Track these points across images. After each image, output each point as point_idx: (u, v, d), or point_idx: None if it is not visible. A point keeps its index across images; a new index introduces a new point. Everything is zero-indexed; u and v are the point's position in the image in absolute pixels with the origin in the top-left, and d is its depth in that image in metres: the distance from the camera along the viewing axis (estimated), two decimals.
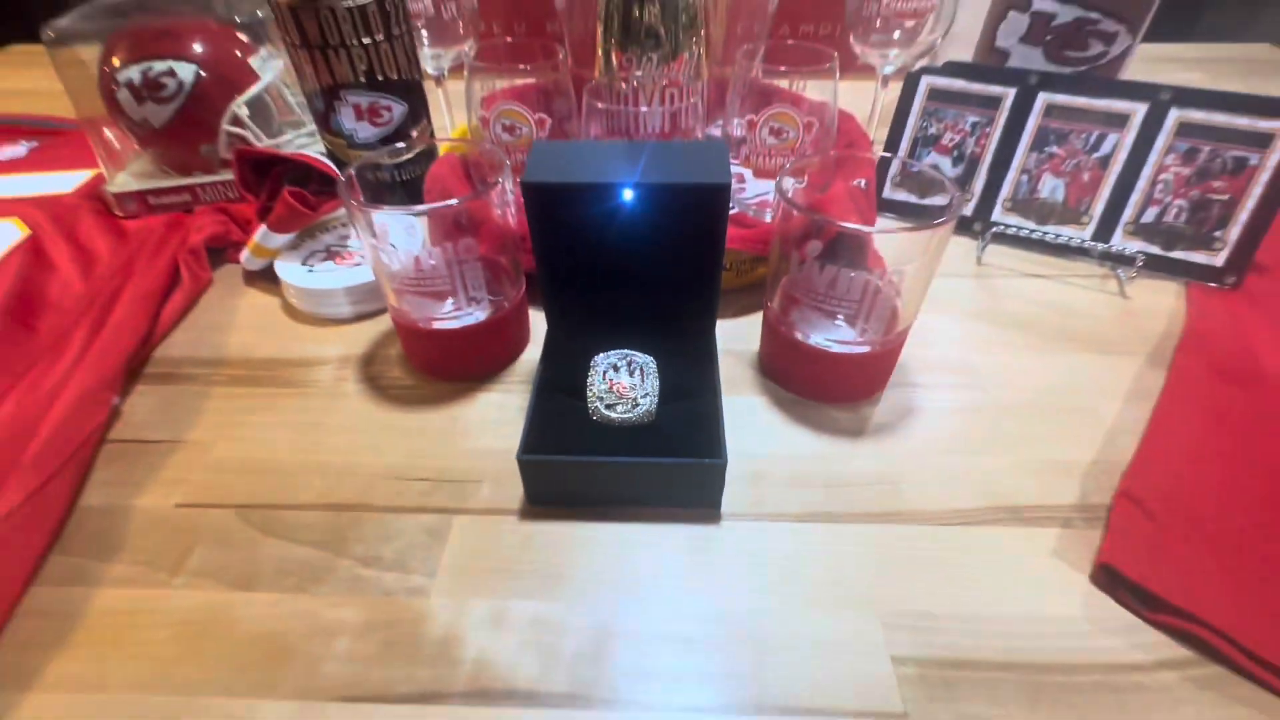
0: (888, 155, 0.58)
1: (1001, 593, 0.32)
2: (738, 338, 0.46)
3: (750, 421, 0.40)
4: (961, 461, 0.38)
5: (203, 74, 0.57)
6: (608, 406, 0.34)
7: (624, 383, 0.35)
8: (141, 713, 0.28)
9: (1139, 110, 0.50)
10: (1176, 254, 0.51)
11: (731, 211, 0.47)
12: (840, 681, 0.28)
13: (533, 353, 0.46)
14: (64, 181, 0.67)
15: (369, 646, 0.30)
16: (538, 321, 0.47)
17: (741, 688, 0.28)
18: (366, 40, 0.50)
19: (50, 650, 0.30)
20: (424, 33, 0.61)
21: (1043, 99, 0.53)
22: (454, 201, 0.38)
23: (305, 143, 0.64)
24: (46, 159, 0.73)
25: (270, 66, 0.61)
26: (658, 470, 0.33)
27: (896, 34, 0.60)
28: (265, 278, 0.53)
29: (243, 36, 0.61)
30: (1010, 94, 0.54)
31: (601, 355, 0.36)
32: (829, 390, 0.41)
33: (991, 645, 0.30)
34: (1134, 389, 0.42)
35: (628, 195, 0.35)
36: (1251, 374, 0.42)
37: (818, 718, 0.27)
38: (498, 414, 0.41)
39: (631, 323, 0.38)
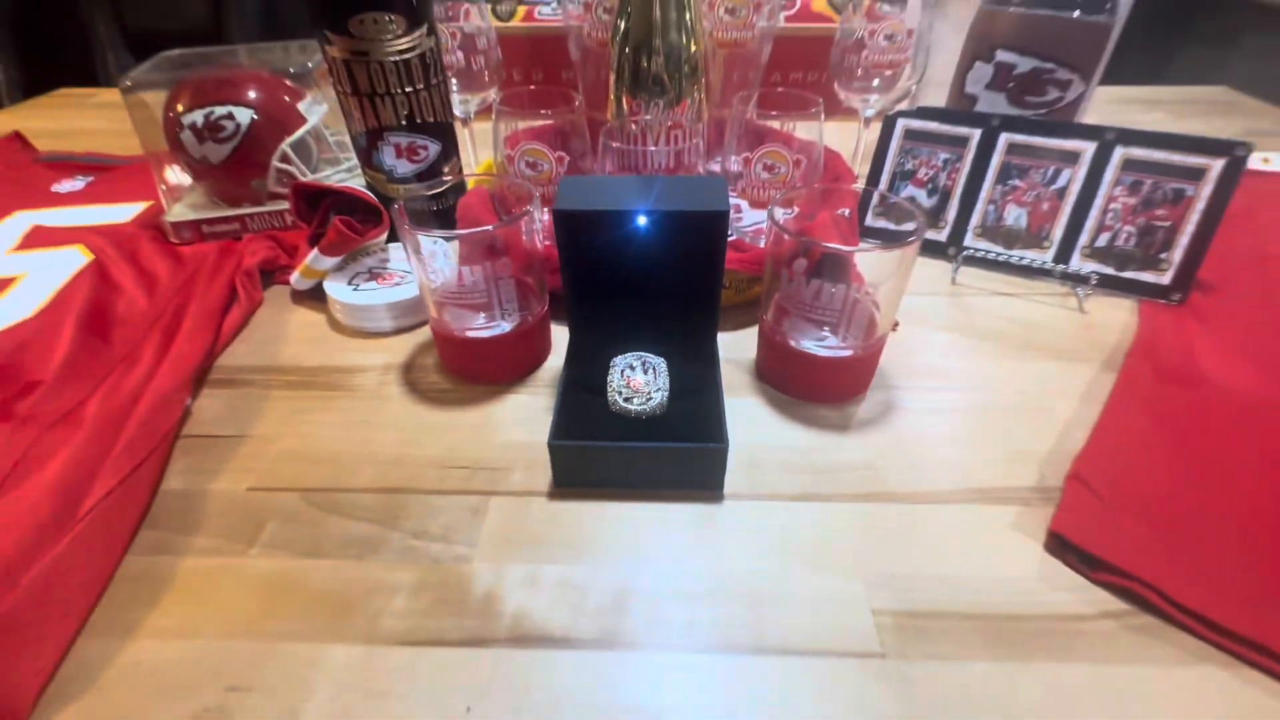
0: (869, 188, 0.64)
1: (968, 558, 0.37)
2: (737, 348, 0.51)
3: (748, 419, 0.46)
4: (936, 451, 0.43)
5: (257, 117, 0.64)
6: (625, 400, 0.40)
7: (639, 379, 0.40)
8: (229, 655, 0.32)
9: (1089, 149, 0.57)
10: (1128, 274, 0.57)
11: (730, 238, 0.53)
12: (827, 629, 0.33)
13: (554, 361, 0.51)
14: (120, 213, 0.74)
15: (422, 603, 0.35)
16: (558, 335, 0.53)
17: (741, 634, 0.33)
18: (408, 89, 0.57)
19: (146, 607, 0.35)
20: (454, 81, 0.68)
21: (1004, 139, 0.59)
22: (490, 228, 0.44)
23: (344, 178, 0.70)
24: (101, 192, 0.80)
25: (315, 111, 0.69)
26: (668, 453, 0.38)
27: (876, 82, 0.67)
28: (311, 297, 0.59)
29: (291, 84, 0.68)
30: (976, 134, 0.60)
31: (620, 356, 0.42)
32: (817, 391, 0.47)
33: (958, 600, 0.34)
34: (1088, 392, 0.48)
35: (642, 221, 0.41)
36: (1193, 379, 0.48)
37: (807, 657, 0.32)
38: (525, 413, 0.47)
39: (644, 330, 0.43)
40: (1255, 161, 0.79)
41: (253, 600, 0.35)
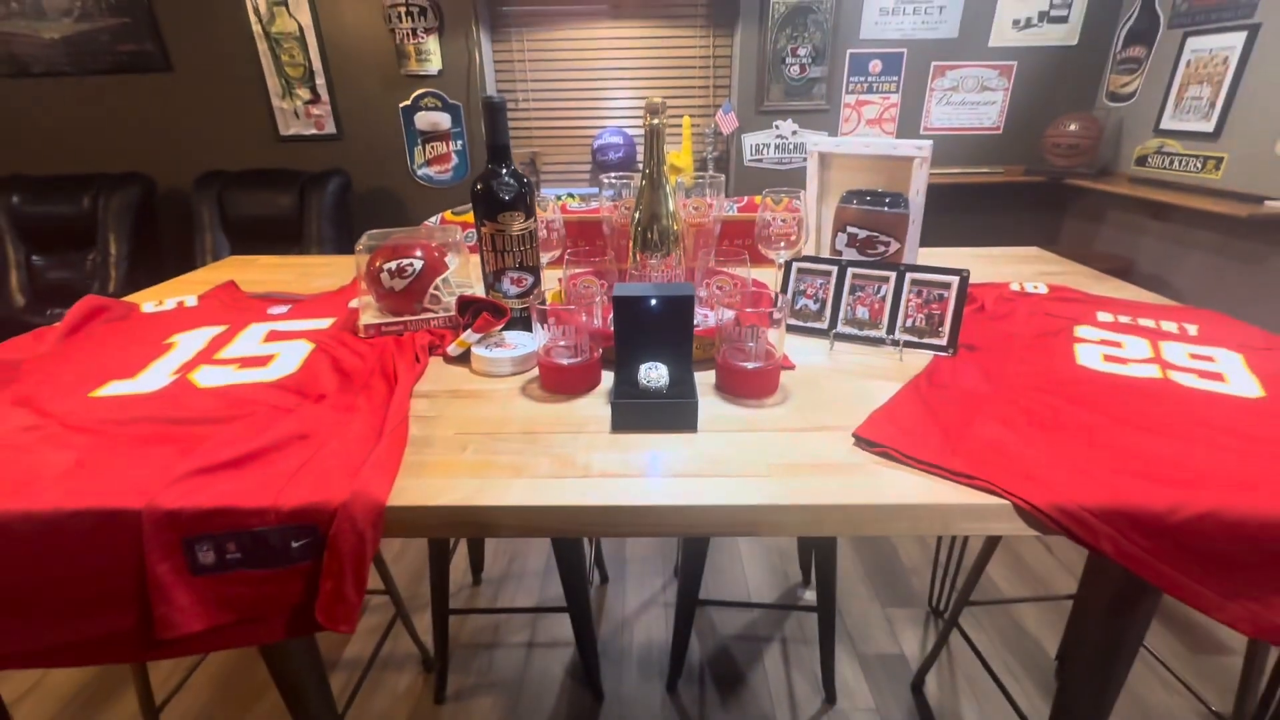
0: (778, 293, 1.10)
1: (819, 448, 0.75)
2: (703, 380, 0.93)
3: (712, 404, 0.86)
4: (812, 415, 0.83)
5: (424, 264, 1.10)
6: (646, 381, 0.80)
7: (653, 373, 0.81)
8: (467, 482, 0.69)
9: (892, 275, 1.03)
10: (924, 340, 1.01)
11: (698, 328, 0.97)
12: (747, 469, 0.71)
13: (604, 385, 0.92)
14: (320, 323, 1.17)
15: (555, 467, 0.72)
16: (605, 375, 0.94)
17: (706, 470, 0.71)
18: (520, 248, 1.03)
19: (420, 469, 0.72)
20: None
21: (850, 271, 1.06)
22: (573, 308, 0.87)
23: None
24: (301, 313, 1.23)
25: (453, 262, 1.15)
26: (668, 405, 0.78)
27: (782, 244, 1.15)
28: (457, 361, 1.01)
29: (440, 246, 1.16)
30: (835, 269, 1.07)
31: (643, 364, 0.83)
32: (746, 390, 0.87)
33: (815, 460, 0.73)
34: (892, 393, 0.89)
35: (653, 301, 0.84)
36: (947, 384, 0.89)
37: (736, 476, 0.70)
38: (589, 406, 0.86)
39: (654, 352, 0.85)
40: (1029, 286, 1.27)
41: (472, 469, 0.72)
